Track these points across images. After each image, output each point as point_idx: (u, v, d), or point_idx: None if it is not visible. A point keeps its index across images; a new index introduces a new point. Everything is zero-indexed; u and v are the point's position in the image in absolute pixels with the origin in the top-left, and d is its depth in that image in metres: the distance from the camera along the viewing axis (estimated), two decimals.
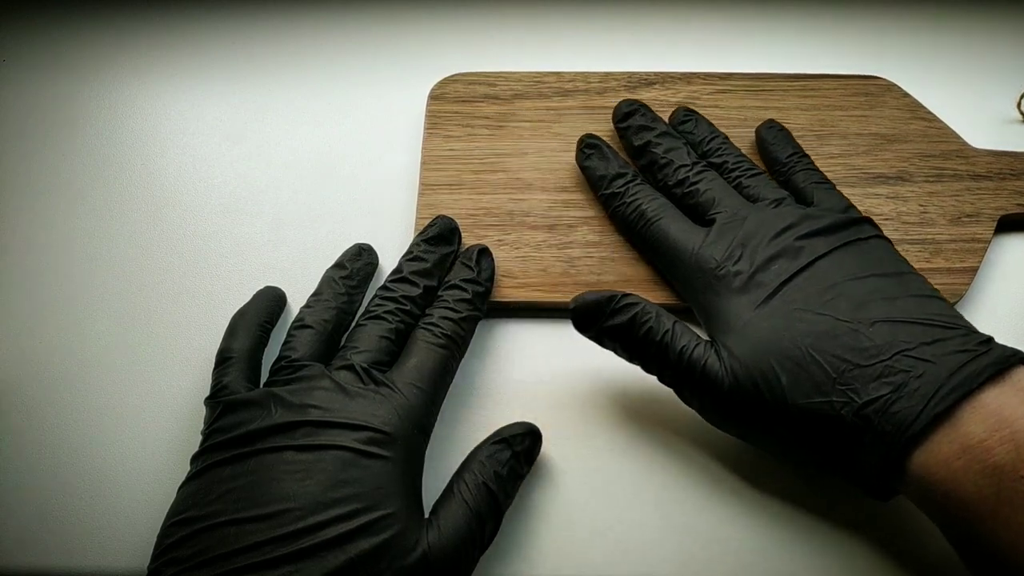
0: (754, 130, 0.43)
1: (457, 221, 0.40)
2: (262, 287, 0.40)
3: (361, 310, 0.37)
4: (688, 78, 0.45)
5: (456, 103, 0.45)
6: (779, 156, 0.41)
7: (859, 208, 0.40)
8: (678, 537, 0.34)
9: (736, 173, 0.39)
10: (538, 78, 0.46)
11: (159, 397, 0.38)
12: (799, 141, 0.42)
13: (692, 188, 0.39)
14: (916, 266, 0.38)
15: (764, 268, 0.34)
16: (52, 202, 0.44)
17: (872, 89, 0.44)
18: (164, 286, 0.41)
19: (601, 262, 0.40)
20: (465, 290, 0.37)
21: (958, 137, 0.43)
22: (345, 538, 0.28)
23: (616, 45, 0.49)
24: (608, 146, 0.42)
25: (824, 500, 0.34)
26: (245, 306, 0.38)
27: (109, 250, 0.42)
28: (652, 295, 0.39)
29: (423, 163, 0.43)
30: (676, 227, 0.38)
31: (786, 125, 0.43)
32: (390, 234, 0.42)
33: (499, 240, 0.41)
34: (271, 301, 0.39)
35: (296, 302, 0.40)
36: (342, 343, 0.35)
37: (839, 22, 0.49)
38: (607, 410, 0.37)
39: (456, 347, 0.35)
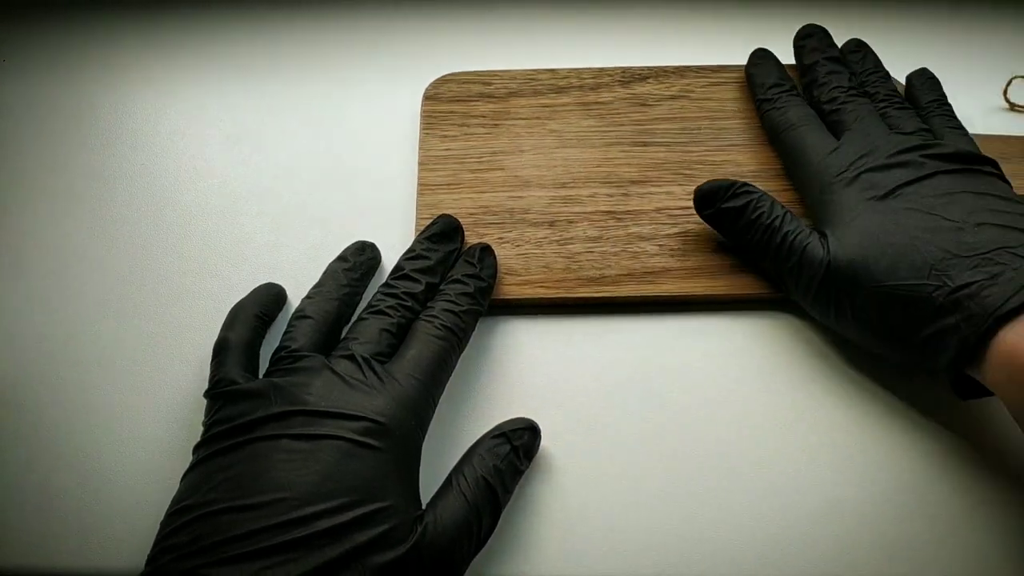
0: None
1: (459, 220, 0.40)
2: (262, 283, 0.40)
3: (363, 306, 0.37)
4: (681, 72, 0.46)
5: (451, 103, 0.45)
6: (921, 99, 0.42)
7: None
8: (678, 536, 0.34)
9: (885, 104, 0.41)
10: (532, 75, 0.46)
11: (159, 397, 0.38)
12: None
13: (840, 107, 0.41)
14: None
15: (884, 172, 0.36)
16: (52, 202, 0.44)
17: None
18: (164, 286, 0.41)
19: (603, 256, 0.40)
20: (467, 284, 0.37)
21: None
22: (339, 529, 0.28)
23: (609, 41, 0.49)
24: (776, 59, 0.44)
25: (826, 498, 0.34)
26: (242, 299, 0.38)
27: (109, 250, 0.42)
28: (651, 288, 0.39)
29: (420, 163, 0.43)
30: (813, 136, 0.40)
31: None
32: (389, 234, 0.42)
33: (500, 238, 0.41)
34: (269, 295, 0.39)
35: (296, 301, 0.40)
36: (343, 335, 0.35)
37: (829, 15, 0.49)
38: (609, 407, 0.37)
39: (456, 339, 0.35)
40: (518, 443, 0.34)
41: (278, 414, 0.31)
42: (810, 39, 0.44)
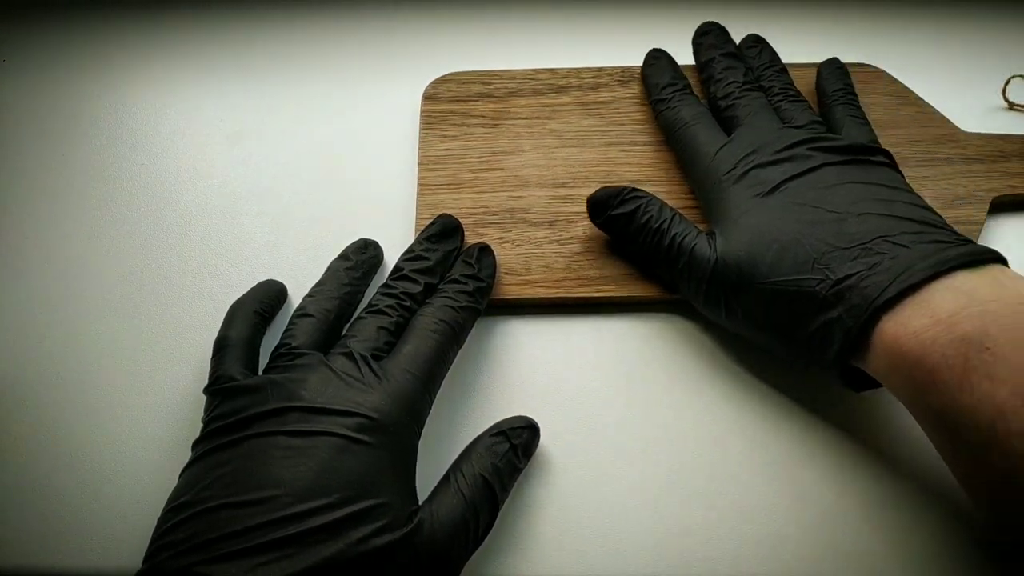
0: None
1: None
2: (262, 280, 0.40)
3: (362, 306, 0.37)
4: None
5: (451, 103, 0.45)
6: (827, 89, 0.43)
7: None
8: (677, 536, 0.34)
9: (779, 98, 0.41)
10: (532, 75, 0.46)
11: (159, 397, 0.38)
12: None
13: (734, 102, 0.41)
14: None
15: (770, 168, 0.37)
16: (52, 202, 0.44)
17: (863, 76, 0.45)
18: (164, 286, 0.41)
19: (602, 256, 0.40)
20: (465, 284, 0.37)
21: (948, 122, 0.43)
22: (334, 525, 0.28)
23: (609, 40, 0.49)
24: (671, 59, 0.45)
25: (829, 497, 0.34)
26: (243, 296, 0.38)
27: (109, 250, 0.42)
28: (651, 287, 0.39)
29: (420, 163, 0.43)
30: (704, 133, 0.40)
31: None
32: (389, 234, 0.42)
33: (500, 238, 0.41)
34: (269, 292, 0.39)
35: (297, 300, 0.40)
36: (342, 334, 0.35)
37: (830, 11, 0.50)
38: (609, 407, 0.37)
39: (453, 335, 0.35)
40: (517, 441, 0.34)
41: (274, 410, 0.31)
42: (707, 36, 0.45)
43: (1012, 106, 0.45)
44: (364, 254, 0.40)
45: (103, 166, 0.45)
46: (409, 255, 0.38)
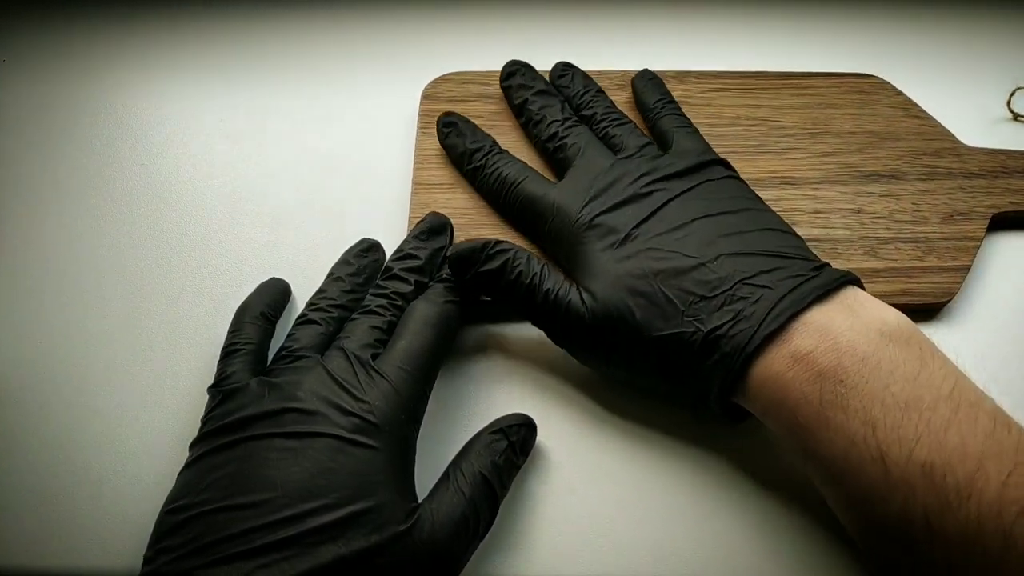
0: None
1: (452, 220, 0.40)
2: (265, 279, 0.40)
3: None
4: (681, 77, 0.45)
5: (449, 102, 0.45)
6: (647, 102, 0.43)
7: (851, 206, 0.41)
8: (676, 535, 0.34)
9: (604, 124, 0.41)
10: None
11: (159, 397, 0.38)
12: (792, 139, 0.43)
13: (561, 142, 0.40)
14: (908, 264, 0.39)
15: (615, 213, 0.36)
16: (52, 202, 0.44)
17: (865, 87, 0.45)
18: (164, 286, 0.41)
19: None
20: (453, 282, 0.37)
21: (951, 135, 0.43)
22: (331, 527, 0.28)
23: (609, 44, 0.49)
24: (465, 121, 0.43)
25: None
26: (248, 298, 0.38)
27: (109, 250, 0.42)
28: None
29: (416, 163, 0.43)
30: (538, 187, 0.39)
31: (779, 123, 0.43)
32: (385, 233, 0.41)
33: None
34: (275, 292, 0.39)
35: (296, 300, 0.40)
36: (337, 336, 0.35)
37: (832, 21, 0.49)
38: (604, 407, 0.37)
39: (445, 330, 0.35)
40: (515, 439, 0.34)
41: (270, 412, 0.31)
42: (513, 78, 0.44)
43: (1017, 117, 0.45)
44: (366, 258, 0.39)
45: (103, 166, 0.45)
46: (399, 254, 0.38)
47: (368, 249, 0.40)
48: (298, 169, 0.45)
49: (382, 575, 0.29)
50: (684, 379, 0.33)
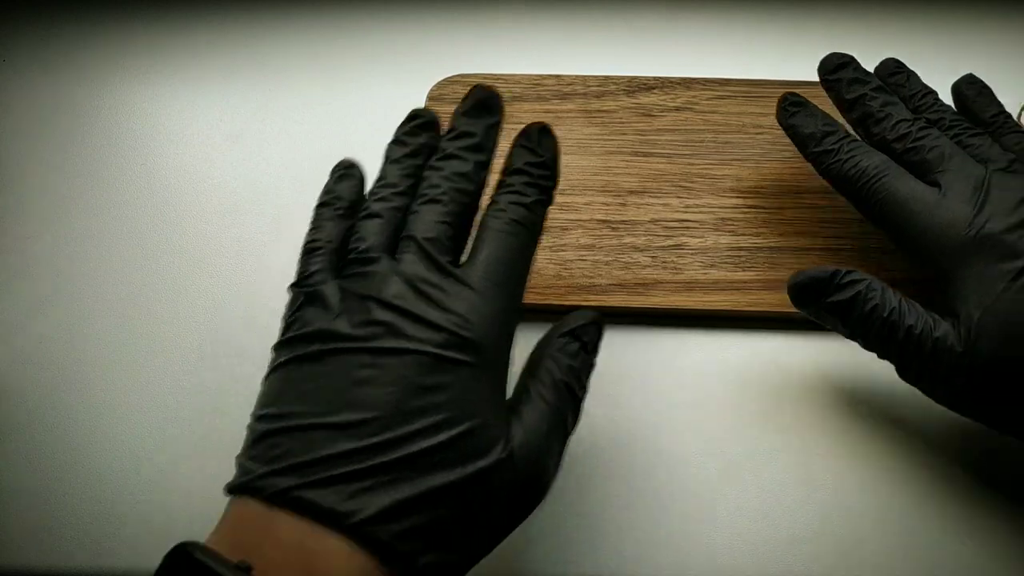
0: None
1: None
2: (338, 162, 0.36)
3: None
4: (687, 83, 0.45)
5: (454, 104, 0.45)
6: (983, 115, 0.39)
7: (857, 215, 0.40)
8: (678, 536, 0.34)
9: (956, 131, 0.37)
10: (537, 81, 0.46)
11: (159, 397, 0.38)
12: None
13: (916, 144, 0.36)
14: (913, 272, 0.38)
15: (1012, 234, 0.32)
16: (52, 202, 0.44)
17: None
18: (164, 286, 0.41)
19: (595, 265, 0.40)
20: (530, 174, 0.33)
21: None
22: (436, 450, 0.27)
23: (616, 49, 0.49)
24: (808, 103, 0.40)
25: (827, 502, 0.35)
26: (327, 190, 0.35)
27: (109, 250, 0.42)
28: (640, 299, 0.39)
29: None
30: (904, 184, 0.35)
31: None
32: None
33: None
34: (353, 183, 0.35)
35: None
36: (403, 233, 0.32)
37: (838, 28, 0.49)
38: (604, 409, 0.37)
39: (530, 235, 0.32)
40: (586, 339, 0.32)
41: (354, 323, 0.29)
42: (843, 70, 0.40)
43: None
44: (420, 136, 0.34)
45: (103, 166, 0.45)
46: (452, 133, 0.33)
47: (421, 125, 0.35)
48: (300, 169, 0.45)
49: (488, 498, 0.27)
50: None
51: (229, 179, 0.45)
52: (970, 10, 0.50)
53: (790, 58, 0.44)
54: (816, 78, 0.45)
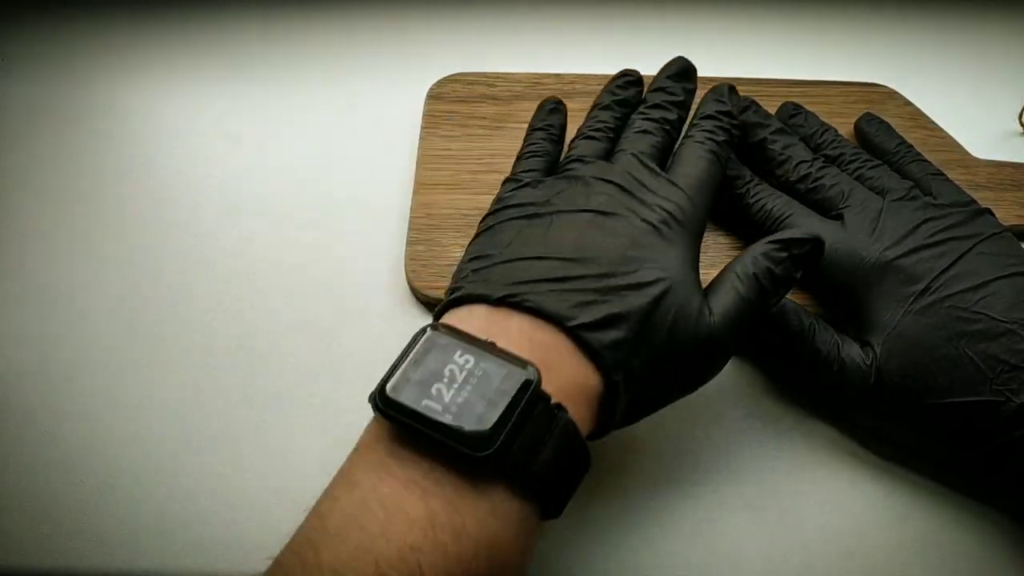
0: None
1: (452, 220, 0.40)
2: (545, 99, 0.40)
3: None
4: None
5: (455, 103, 0.45)
6: (886, 147, 0.41)
7: None
8: (680, 537, 0.34)
9: (856, 165, 0.39)
10: (537, 79, 0.46)
11: (159, 397, 0.38)
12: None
13: (817, 183, 0.38)
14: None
15: (915, 259, 0.34)
16: (52, 202, 0.44)
17: (874, 97, 0.44)
18: (164, 286, 0.41)
19: None
20: (720, 120, 0.36)
21: (959, 146, 0.43)
22: (647, 286, 0.29)
23: (617, 48, 0.49)
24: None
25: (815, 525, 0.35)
26: (539, 122, 0.39)
27: (109, 250, 0.42)
28: None
29: (419, 162, 0.43)
30: (808, 223, 0.37)
31: None
32: (386, 233, 0.42)
33: None
34: (561, 117, 0.39)
35: (301, 295, 0.40)
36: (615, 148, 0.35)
37: (842, 29, 0.49)
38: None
39: (719, 164, 0.35)
40: (797, 252, 0.32)
41: (576, 193, 0.32)
42: (744, 114, 0.41)
43: None
44: (629, 90, 0.38)
45: (102, 166, 0.45)
46: (657, 87, 0.37)
47: (631, 82, 0.38)
48: (301, 168, 0.45)
49: (677, 348, 0.29)
50: (978, 447, 0.32)
51: (229, 179, 0.44)
52: (970, 10, 0.50)
53: (794, 58, 0.44)
54: (817, 77, 0.45)
